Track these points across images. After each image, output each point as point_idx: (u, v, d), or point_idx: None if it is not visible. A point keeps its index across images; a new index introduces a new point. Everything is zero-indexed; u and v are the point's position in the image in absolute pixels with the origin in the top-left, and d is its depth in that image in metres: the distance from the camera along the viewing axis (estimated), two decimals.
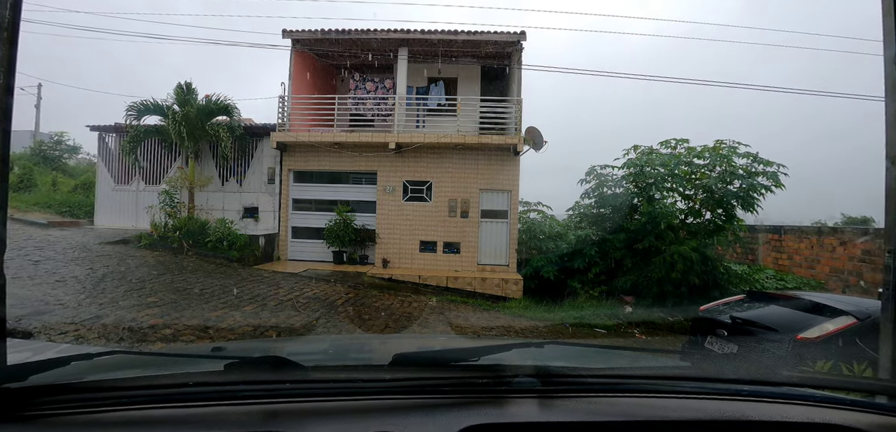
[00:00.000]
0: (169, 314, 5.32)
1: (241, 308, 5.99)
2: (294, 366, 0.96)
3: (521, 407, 0.90)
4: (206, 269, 8.26)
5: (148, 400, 0.84)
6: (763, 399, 0.97)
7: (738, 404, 0.95)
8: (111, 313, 5.11)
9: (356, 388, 0.91)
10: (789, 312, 4.25)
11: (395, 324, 6.37)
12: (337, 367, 1.19)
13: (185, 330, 4.84)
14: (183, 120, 9.88)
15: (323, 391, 0.90)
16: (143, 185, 11.88)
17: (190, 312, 5.48)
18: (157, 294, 6.19)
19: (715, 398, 0.97)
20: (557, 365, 1.16)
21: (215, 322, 5.25)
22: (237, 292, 6.86)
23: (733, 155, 9.26)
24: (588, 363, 1.40)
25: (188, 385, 0.86)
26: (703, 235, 9.56)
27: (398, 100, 10.70)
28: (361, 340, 3.57)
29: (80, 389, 0.86)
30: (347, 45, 11.06)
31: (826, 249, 10.19)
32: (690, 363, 1.91)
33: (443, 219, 10.65)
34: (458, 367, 1.02)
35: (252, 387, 0.89)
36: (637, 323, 8.40)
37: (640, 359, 1.67)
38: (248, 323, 5.36)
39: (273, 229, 11.20)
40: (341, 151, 10.86)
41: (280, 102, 10.80)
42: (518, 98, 10.43)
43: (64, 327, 4.47)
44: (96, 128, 12.06)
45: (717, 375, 1.14)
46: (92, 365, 1.08)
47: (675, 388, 1.01)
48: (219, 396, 0.86)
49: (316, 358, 1.51)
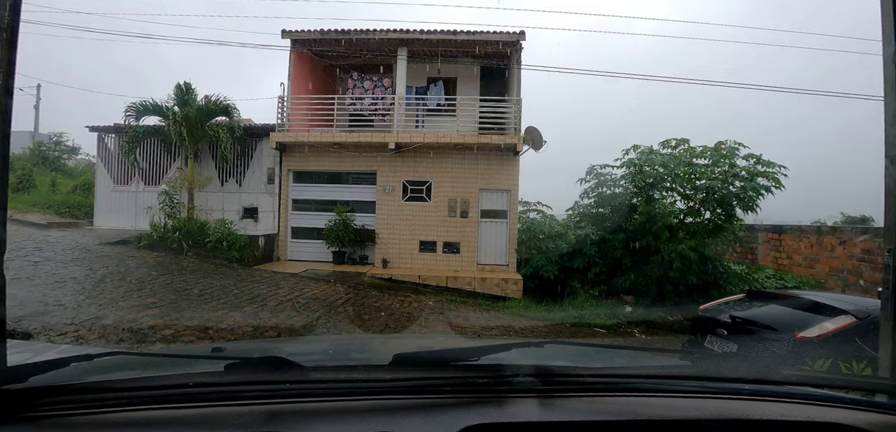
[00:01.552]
0: (169, 314, 5.32)
1: (241, 308, 5.99)
2: (294, 367, 0.96)
3: (522, 407, 0.90)
4: (205, 270, 8.25)
5: (148, 400, 0.84)
6: (764, 398, 0.97)
7: (739, 403, 0.95)
8: (111, 314, 5.11)
9: (356, 388, 0.91)
10: (789, 311, 4.25)
11: (395, 324, 6.38)
12: (337, 367, 1.19)
13: (185, 331, 4.84)
14: (182, 120, 9.88)
15: (323, 391, 0.90)
16: (143, 186, 11.86)
17: (190, 313, 5.48)
18: (157, 294, 6.19)
19: (716, 397, 0.97)
20: (558, 365, 1.16)
21: (215, 322, 5.25)
22: (237, 292, 6.86)
23: (734, 156, 9.27)
24: (588, 362, 1.40)
25: (188, 385, 0.85)
26: (702, 235, 9.57)
27: (397, 100, 10.70)
28: (362, 340, 3.56)
29: (80, 390, 0.86)
30: (346, 46, 11.05)
31: (825, 248, 10.16)
32: (690, 362, 1.92)
33: (442, 219, 10.65)
34: (458, 367, 1.02)
35: (252, 388, 0.89)
36: (637, 322, 8.41)
37: (641, 358, 1.68)
38: (248, 323, 5.36)
39: (273, 230, 11.20)
40: (341, 151, 10.86)
41: (279, 102, 10.80)
42: (517, 98, 10.43)
43: (63, 328, 4.46)
44: (95, 129, 12.04)
45: (717, 374, 1.14)
46: (92, 366, 1.08)
47: (676, 387, 1.01)
48: (219, 397, 0.86)
49: (316, 358, 1.51)
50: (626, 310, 9.10)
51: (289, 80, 11.14)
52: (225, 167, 11.46)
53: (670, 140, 9.86)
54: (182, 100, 10.12)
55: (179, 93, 10.12)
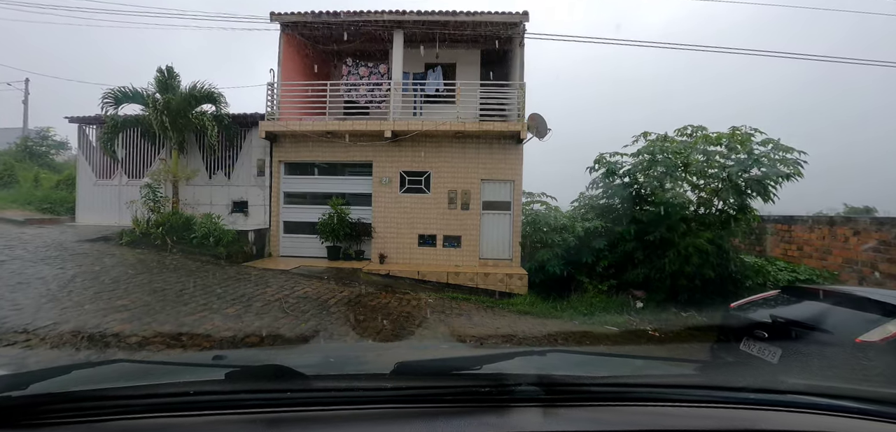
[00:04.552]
0: (139, 318, 4.77)
1: (222, 311, 5.44)
2: (296, 375, 0.96)
3: (524, 417, 0.89)
4: (188, 268, 7.69)
5: (149, 409, 0.84)
6: (770, 407, 0.96)
7: (745, 412, 0.95)
8: (72, 319, 4.55)
9: (358, 397, 0.92)
10: (841, 311, 3.72)
11: (393, 325, 5.84)
12: (339, 376, 1.16)
13: (155, 338, 4.29)
14: (164, 108, 9.24)
15: (325, 400, 0.90)
16: (127, 179, 11.25)
17: (163, 316, 4.92)
18: (130, 295, 5.63)
19: (721, 406, 0.97)
20: (560, 374, 1.15)
21: (191, 327, 4.70)
22: (220, 292, 6.30)
23: (750, 142, 8.75)
24: (592, 371, 1.41)
25: (190, 394, 0.87)
26: (717, 226, 9.06)
27: (394, 85, 10.09)
28: (363, 348, 3.43)
29: (81, 398, 0.86)
30: (339, 28, 10.43)
31: (838, 240, 9.85)
32: (694, 370, 1.75)
33: (442, 211, 10.10)
34: (460, 376, 1.03)
35: (254, 396, 0.89)
36: (649, 319, 7.93)
37: (645, 367, 1.65)
38: (228, 327, 4.82)
39: (264, 224, 10.63)
40: (334, 141, 10.27)
41: (268, 89, 10.19)
42: (521, 82, 9.84)
43: (12, 336, 3.90)
44: (75, 120, 11.40)
45: (722, 383, 1.13)
46: (93, 374, 1.10)
47: (681, 396, 0.99)
48: (220, 405, 0.86)
49: (317, 366, 1.47)
50: (636, 305, 8.61)
51: (279, 66, 10.52)
52: (213, 159, 10.86)
53: (686, 127, 9.30)
54: (164, 86, 9.46)
55: (161, 78, 9.45)
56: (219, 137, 10.20)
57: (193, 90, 9.74)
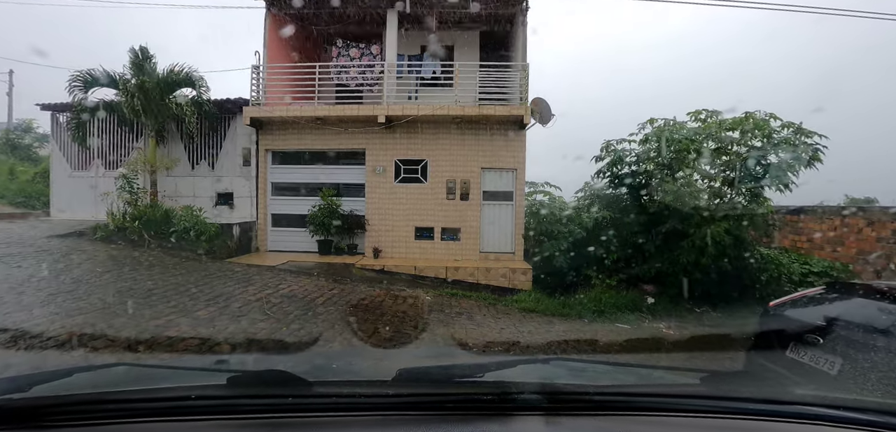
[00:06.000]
0: (94, 324, 4.15)
1: (194, 313, 4.82)
2: (297, 381, 0.94)
3: (526, 425, 0.87)
4: (164, 265, 7.06)
5: (151, 413, 0.83)
6: (776, 418, 0.93)
7: (751, 423, 0.93)
8: (14, 324, 3.92)
9: (359, 404, 0.90)
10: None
11: (386, 326, 5.26)
12: (340, 382, 1.11)
13: (107, 347, 3.68)
14: (137, 91, 8.52)
15: (326, 406, 0.89)
16: (104, 170, 10.54)
17: (122, 321, 4.30)
18: (90, 297, 5.00)
19: (726, 417, 0.95)
20: (563, 382, 1.12)
21: (153, 332, 4.09)
22: (195, 292, 5.69)
23: (767, 127, 8.19)
24: (595, 380, 1.37)
25: (191, 398, 0.85)
26: (733, 217, 8.51)
27: (387, 67, 9.43)
28: (365, 354, 3.34)
29: (82, 402, 0.85)
30: (329, 5, 9.72)
31: (852, 230, 9.47)
32: (700, 380, 1.55)
33: (440, 201, 9.48)
34: (462, 383, 1.05)
35: (255, 402, 0.88)
36: (663, 316, 7.40)
37: (649, 376, 1.61)
38: (197, 333, 4.20)
39: (250, 217, 9.99)
40: (325, 128, 9.61)
41: (253, 73, 9.50)
42: (524, 63, 9.20)
43: None
44: (47, 107, 10.67)
45: (728, 393, 1.09)
46: (94, 378, 1.13)
47: (685, 406, 0.96)
48: (222, 410, 0.85)
49: (319, 372, 1.37)
50: (648, 301, 8.08)
51: (264, 48, 9.83)
52: (195, 148, 10.18)
53: (700, 111, 8.69)
54: (139, 68, 8.74)
55: (135, 59, 8.72)
56: (199, 125, 9.52)
57: (170, 73, 9.03)
